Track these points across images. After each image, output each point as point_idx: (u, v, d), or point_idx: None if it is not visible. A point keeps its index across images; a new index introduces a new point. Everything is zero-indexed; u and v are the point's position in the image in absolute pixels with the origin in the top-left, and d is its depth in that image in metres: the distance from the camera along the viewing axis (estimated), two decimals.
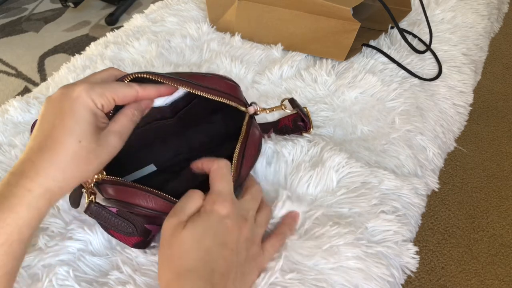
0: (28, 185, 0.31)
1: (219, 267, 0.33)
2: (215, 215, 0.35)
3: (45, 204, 0.32)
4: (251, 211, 0.38)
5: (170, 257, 0.33)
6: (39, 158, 0.32)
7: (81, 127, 0.33)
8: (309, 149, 0.49)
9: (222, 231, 0.34)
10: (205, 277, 0.32)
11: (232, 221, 0.35)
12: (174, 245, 0.33)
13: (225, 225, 0.35)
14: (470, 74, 0.66)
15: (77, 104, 0.33)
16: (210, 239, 0.34)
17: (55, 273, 0.39)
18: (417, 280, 1.10)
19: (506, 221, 1.23)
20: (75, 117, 0.33)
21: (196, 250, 0.33)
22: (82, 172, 0.33)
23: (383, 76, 0.61)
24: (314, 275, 0.38)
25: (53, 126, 0.33)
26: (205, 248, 0.33)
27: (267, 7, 0.63)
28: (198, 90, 0.38)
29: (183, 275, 0.32)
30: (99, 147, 0.34)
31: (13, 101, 0.60)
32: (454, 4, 0.78)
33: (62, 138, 0.32)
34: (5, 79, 1.76)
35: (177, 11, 0.78)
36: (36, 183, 0.31)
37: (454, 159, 1.40)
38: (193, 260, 0.33)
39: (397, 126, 0.54)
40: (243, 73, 0.62)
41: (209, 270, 0.32)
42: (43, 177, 0.31)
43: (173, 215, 0.35)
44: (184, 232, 0.34)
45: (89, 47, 0.72)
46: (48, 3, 2.25)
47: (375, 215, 0.43)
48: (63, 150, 0.32)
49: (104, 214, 0.37)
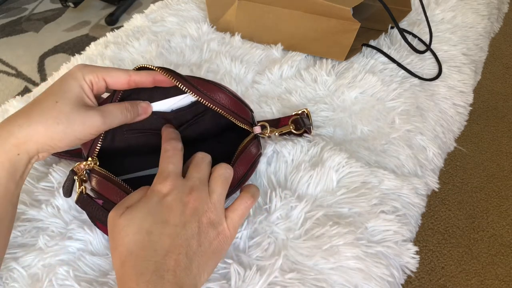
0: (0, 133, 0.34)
1: (162, 245, 0.32)
2: (154, 197, 0.34)
3: (11, 148, 0.34)
4: (196, 180, 0.35)
5: (114, 248, 0.33)
6: (17, 112, 0.35)
7: (63, 93, 0.36)
8: (309, 149, 0.49)
9: (162, 209, 0.33)
10: (147, 258, 0.31)
11: (174, 196, 0.34)
12: (115, 235, 0.33)
13: (165, 203, 0.34)
14: (470, 74, 0.66)
15: (68, 77, 0.37)
16: (149, 220, 0.33)
17: (55, 273, 0.39)
18: (417, 280, 1.10)
19: (506, 221, 1.23)
20: (62, 85, 0.37)
21: (134, 234, 0.32)
22: (49, 129, 0.35)
23: (383, 76, 0.61)
24: (314, 275, 0.38)
25: (43, 93, 0.37)
26: (145, 230, 0.32)
27: (267, 7, 0.63)
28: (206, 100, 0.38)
29: (126, 261, 0.31)
30: (74, 113, 0.35)
31: (13, 101, 0.60)
32: (454, 4, 0.78)
33: (43, 99, 0.36)
34: (5, 79, 1.76)
35: (177, 11, 0.78)
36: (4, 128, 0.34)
37: (454, 159, 1.40)
38: (133, 243, 0.32)
39: (397, 126, 0.54)
40: (243, 73, 0.63)
41: (151, 250, 0.31)
42: (11, 124, 0.34)
43: (113, 209, 0.35)
44: (120, 220, 0.33)
45: (89, 47, 0.72)
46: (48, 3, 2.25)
47: (375, 215, 0.43)
48: (38, 104, 0.35)
49: (90, 205, 0.37)
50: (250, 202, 0.37)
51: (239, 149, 0.41)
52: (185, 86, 0.38)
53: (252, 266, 0.38)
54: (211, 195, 0.35)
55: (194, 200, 0.34)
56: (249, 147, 0.41)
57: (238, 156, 0.40)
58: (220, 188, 0.36)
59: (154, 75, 0.39)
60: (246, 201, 0.37)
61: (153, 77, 0.39)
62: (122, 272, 0.31)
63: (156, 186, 0.35)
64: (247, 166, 0.41)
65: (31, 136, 0.34)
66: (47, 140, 0.35)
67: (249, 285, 0.37)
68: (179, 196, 0.34)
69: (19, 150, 0.34)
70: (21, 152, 0.34)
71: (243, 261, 0.39)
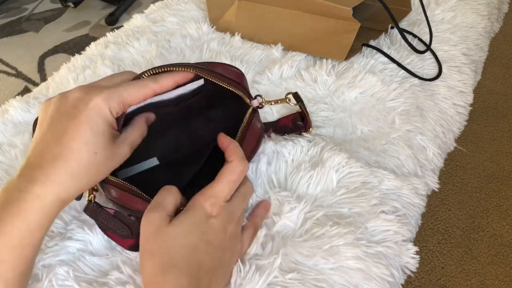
0: (38, 191, 0.31)
1: (205, 264, 0.33)
2: (202, 215, 0.34)
3: (54, 210, 0.32)
4: (239, 212, 0.38)
5: (155, 252, 0.33)
6: (51, 165, 0.31)
7: (98, 139, 0.33)
8: (309, 149, 0.49)
9: (209, 229, 0.34)
10: (190, 274, 0.32)
11: (219, 221, 0.35)
12: (159, 240, 0.33)
13: (211, 224, 0.34)
14: (470, 74, 0.66)
15: (94, 114, 0.32)
16: (197, 236, 0.33)
17: (55, 273, 0.39)
18: (417, 280, 1.10)
19: (506, 221, 1.23)
20: (92, 127, 0.32)
21: (182, 247, 0.33)
22: (92, 181, 0.34)
23: (383, 76, 0.61)
24: (314, 275, 0.38)
25: (66, 133, 0.32)
26: (192, 244, 0.33)
27: (267, 7, 0.63)
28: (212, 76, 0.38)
29: (168, 271, 0.32)
30: (111, 157, 0.34)
31: (13, 101, 0.60)
32: (454, 4, 0.78)
33: (77, 148, 0.32)
34: (5, 79, 1.76)
35: (177, 11, 0.78)
36: (47, 190, 0.31)
37: (454, 159, 1.40)
38: (179, 256, 0.32)
39: (397, 126, 0.54)
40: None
41: (195, 266, 0.32)
42: (55, 185, 0.31)
43: (153, 210, 0.34)
44: (170, 228, 0.33)
45: (89, 47, 0.72)
46: (48, 3, 2.25)
47: (375, 215, 0.43)
48: (78, 160, 0.32)
49: (101, 215, 0.37)
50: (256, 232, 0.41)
51: (242, 125, 0.41)
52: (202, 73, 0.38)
53: (251, 265, 0.38)
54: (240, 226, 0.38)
55: (232, 229, 0.36)
56: (254, 122, 0.42)
57: (245, 132, 0.41)
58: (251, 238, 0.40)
59: (175, 79, 0.37)
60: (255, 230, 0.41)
61: (175, 81, 0.37)
62: (162, 281, 0.32)
63: (204, 204, 0.35)
64: (254, 141, 0.42)
65: (74, 195, 0.33)
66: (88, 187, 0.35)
67: (249, 284, 0.37)
68: (223, 223, 0.35)
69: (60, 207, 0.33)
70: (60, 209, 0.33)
71: (242, 259, 0.39)
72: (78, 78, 0.63)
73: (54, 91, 0.62)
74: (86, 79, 0.63)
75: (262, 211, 0.42)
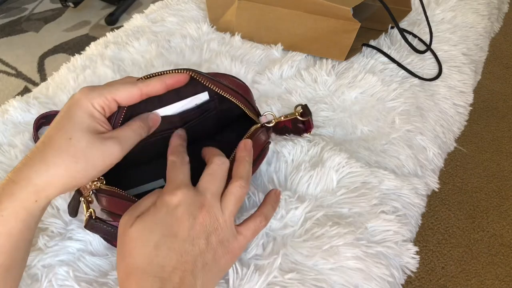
0: (13, 177, 0.32)
1: (169, 261, 0.31)
2: (164, 207, 0.33)
3: (29, 196, 0.32)
4: (208, 193, 0.34)
5: (121, 256, 0.33)
6: (32, 154, 0.33)
7: (74, 126, 0.33)
8: (309, 149, 0.49)
9: (171, 222, 0.32)
10: (153, 274, 0.31)
11: (184, 208, 0.33)
12: (124, 245, 0.32)
13: (174, 215, 0.33)
14: (470, 74, 0.66)
15: (76, 106, 0.34)
16: (158, 233, 0.32)
17: (55, 273, 0.39)
18: (417, 280, 1.10)
19: (506, 221, 1.23)
20: (71, 117, 0.34)
21: (142, 247, 0.32)
22: (69, 170, 0.32)
23: (383, 76, 0.61)
24: (314, 275, 0.38)
25: (53, 128, 0.34)
26: (153, 243, 0.32)
27: (267, 7, 0.63)
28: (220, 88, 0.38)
29: (132, 273, 0.31)
30: (91, 147, 0.33)
31: (13, 101, 0.60)
32: (454, 4, 0.78)
33: (55, 135, 0.33)
34: (5, 79, 1.76)
35: (177, 11, 0.78)
36: (20, 175, 0.32)
37: (454, 159, 1.40)
38: (140, 257, 0.31)
39: (397, 126, 0.54)
40: (243, 73, 0.62)
41: (158, 266, 0.31)
42: (27, 169, 0.32)
43: (126, 214, 0.34)
44: (131, 229, 0.32)
45: (89, 47, 0.72)
46: (48, 3, 2.25)
47: (375, 215, 0.43)
48: (51, 145, 0.33)
49: (105, 228, 0.36)
50: (263, 225, 0.37)
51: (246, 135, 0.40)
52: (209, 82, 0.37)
53: (250, 265, 0.38)
54: (223, 212, 0.34)
55: (204, 215, 0.33)
56: (258, 134, 0.41)
57: None
58: (232, 207, 0.35)
59: (164, 80, 0.37)
60: (260, 222, 0.37)
61: (164, 83, 0.36)
62: (127, 285, 0.31)
63: (166, 196, 0.33)
64: (256, 153, 0.41)
65: (50, 181, 0.32)
66: (68, 180, 0.33)
67: (248, 284, 0.37)
68: (190, 210, 0.33)
69: (38, 197, 0.32)
70: (39, 198, 0.32)
71: (241, 259, 0.39)
72: (78, 78, 0.63)
73: (54, 91, 0.62)
74: (86, 79, 0.63)
75: (273, 198, 0.39)
